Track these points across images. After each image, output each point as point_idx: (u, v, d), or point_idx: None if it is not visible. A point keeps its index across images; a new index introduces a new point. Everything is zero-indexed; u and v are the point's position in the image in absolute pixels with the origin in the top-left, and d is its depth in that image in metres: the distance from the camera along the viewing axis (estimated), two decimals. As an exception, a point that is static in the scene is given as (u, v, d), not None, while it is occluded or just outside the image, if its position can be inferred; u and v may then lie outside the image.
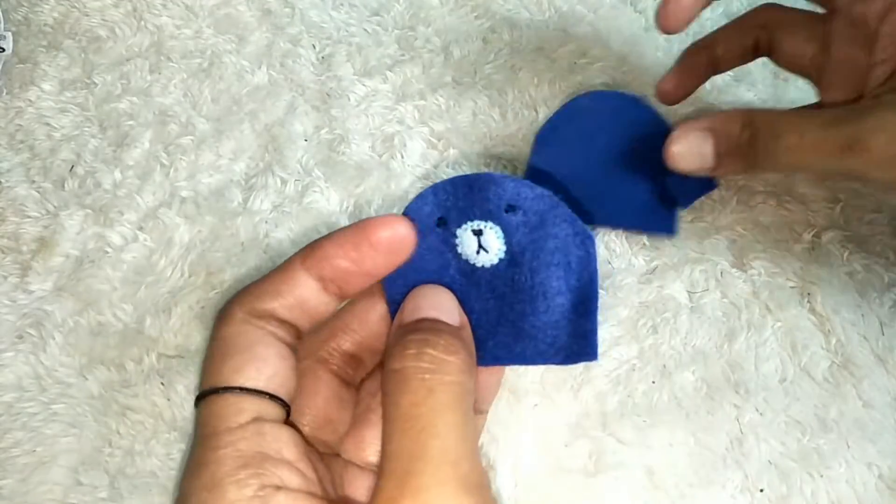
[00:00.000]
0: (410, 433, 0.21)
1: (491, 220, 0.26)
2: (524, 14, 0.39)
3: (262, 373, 0.23)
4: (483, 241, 0.26)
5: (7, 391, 0.30)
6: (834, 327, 0.32)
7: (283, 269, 0.25)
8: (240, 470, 0.21)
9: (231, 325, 0.24)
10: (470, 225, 0.26)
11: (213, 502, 0.20)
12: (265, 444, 0.21)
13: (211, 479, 0.20)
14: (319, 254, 0.24)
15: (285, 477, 0.21)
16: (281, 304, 0.24)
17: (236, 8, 0.38)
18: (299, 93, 0.36)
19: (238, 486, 0.20)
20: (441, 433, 0.21)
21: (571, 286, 0.26)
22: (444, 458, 0.21)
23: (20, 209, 0.33)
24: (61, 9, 0.38)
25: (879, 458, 0.30)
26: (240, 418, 0.22)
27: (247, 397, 0.22)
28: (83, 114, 0.36)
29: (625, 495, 0.29)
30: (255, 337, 0.23)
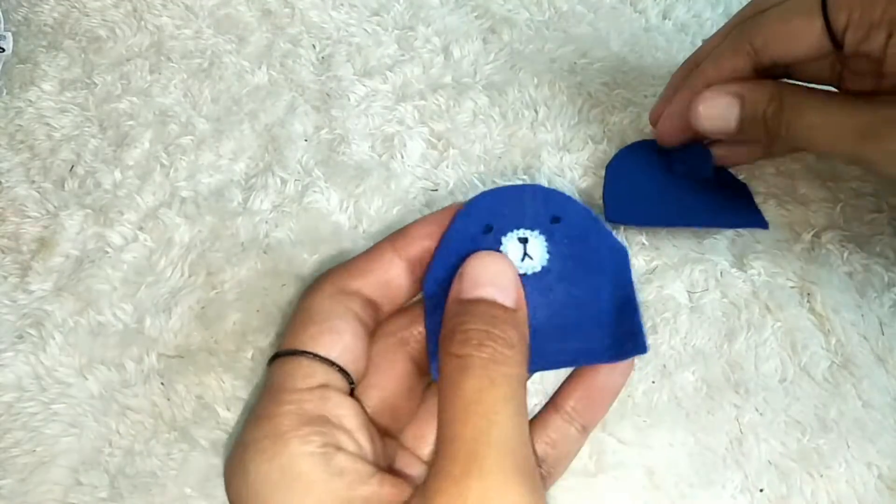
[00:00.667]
0: (474, 419, 0.22)
1: (537, 229, 0.27)
2: (524, 14, 0.39)
3: (336, 345, 0.24)
4: (528, 248, 0.27)
5: (7, 391, 0.30)
6: (834, 327, 0.32)
7: (373, 249, 0.27)
8: (303, 426, 0.22)
9: (318, 298, 0.25)
10: (516, 233, 0.27)
11: (276, 451, 0.22)
12: (328, 409, 0.23)
13: (274, 431, 0.22)
14: (408, 235, 0.27)
15: (344, 442, 0.22)
16: (368, 282, 0.26)
17: (236, 8, 0.38)
18: (299, 93, 0.36)
19: (301, 441, 0.22)
20: (501, 422, 0.22)
21: (610, 291, 0.27)
22: (506, 445, 0.21)
23: (20, 209, 0.33)
24: (61, 9, 0.38)
25: (879, 458, 0.30)
26: (309, 381, 0.23)
27: (318, 364, 0.24)
28: (83, 114, 0.36)
29: (625, 495, 0.29)
30: (337, 312, 0.25)
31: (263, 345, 0.31)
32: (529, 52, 0.38)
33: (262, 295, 0.32)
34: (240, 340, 0.31)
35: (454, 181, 0.35)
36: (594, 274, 0.27)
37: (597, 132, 0.36)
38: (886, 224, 0.34)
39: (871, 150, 0.26)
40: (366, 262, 0.26)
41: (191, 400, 0.30)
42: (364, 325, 0.25)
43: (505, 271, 0.25)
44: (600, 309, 0.27)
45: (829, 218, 0.34)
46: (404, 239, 0.26)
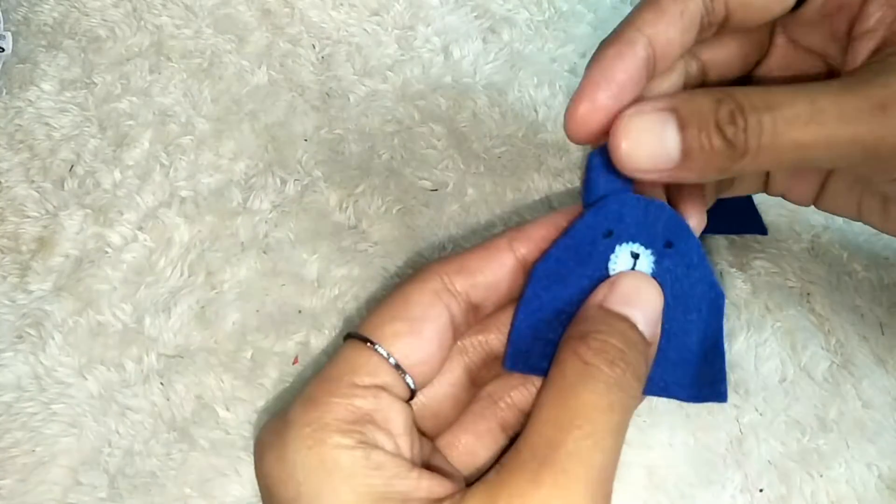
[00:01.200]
0: (578, 434, 0.21)
1: (650, 249, 0.26)
2: (524, 14, 0.39)
3: (415, 352, 0.23)
4: (637, 265, 0.26)
5: (6, 391, 0.30)
6: (834, 327, 0.32)
7: (489, 246, 0.25)
8: (346, 422, 0.22)
9: (421, 289, 0.24)
10: (630, 246, 0.26)
11: (317, 440, 0.21)
12: (377, 410, 0.22)
13: (319, 419, 0.22)
14: (528, 234, 0.25)
15: (384, 442, 0.22)
16: (480, 282, 0.24)
17: (236, 8, 0.38)
18: (299, 93, 0.36)
19: (342, 435, 0.21)
20: (607, 449, 0.21)
21: (701, 331, 0.26)
22: (601, 473, 0.21)
23: (20, 209, 0.33)
24: (61, 9, 0.38)
25: (879, 458, 0.30)
26: (369, 379, 0.22)
27: (386, 365, 0.23)
28: (83, 114, 0.36)
29: (625, 495, 0.29)
30: (434, 313, 0.24)
31: (263, 345, 0.31)
32: (529, 51, 0.38)
33: (261, 295, 0.32)
34: (239, 340, 0.31)
35: (454, 181, 0.35)
36: (689, 310, 0.26)
37: (597, 132, 0.36)
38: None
39: None
40: (480, 260, 0.25)
41: (190, 400, 0.30)
42: (456, 331, 0.24)
43: (656, 302, 0.24)
44: (687, 347, 0.26)
45: (829, 218, 0.34)
46: (523, 237, 0.25)
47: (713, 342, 0.26)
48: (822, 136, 0.20)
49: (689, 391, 0.26)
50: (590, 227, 0.25)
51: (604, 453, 0.21)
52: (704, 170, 0.21)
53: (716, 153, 0.21)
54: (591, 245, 0.25)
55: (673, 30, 0.22)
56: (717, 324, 0.26)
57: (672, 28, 0.22)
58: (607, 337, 0.22)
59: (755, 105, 0.20)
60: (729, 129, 0.20)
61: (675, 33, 0.23)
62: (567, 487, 0.20)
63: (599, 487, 0.21)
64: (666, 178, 0.22)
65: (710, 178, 0.23)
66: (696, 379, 0.26)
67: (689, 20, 0.23)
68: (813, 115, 0.20)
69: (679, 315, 0.26)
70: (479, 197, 0.34)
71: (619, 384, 0.22)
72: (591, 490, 0.21)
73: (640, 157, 0.21)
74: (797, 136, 0.20)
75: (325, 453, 0.21)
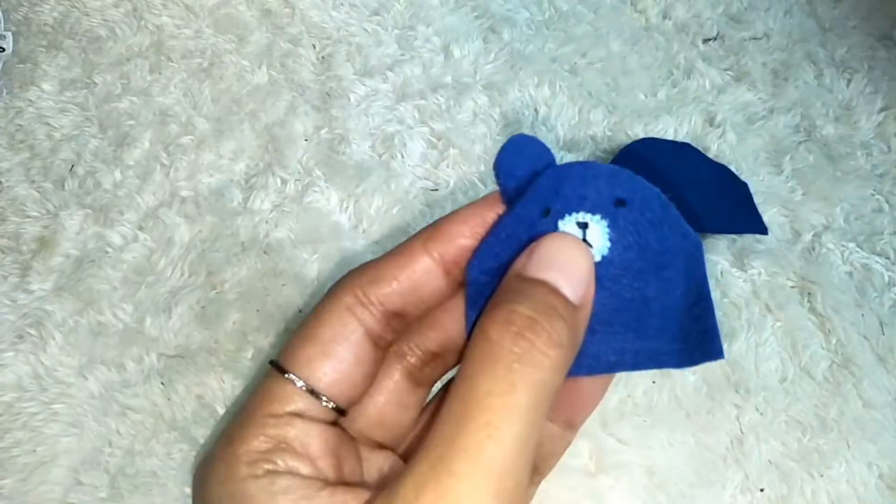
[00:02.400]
0: (471, 425, 0.19)
1: (599, 213, 0.23)
2: (524, 14, 0.39)
3: (330, 374, 0.23)
4: (587, 235, 0.23)
5: (7, 391, 0.30)
6: (834, 327, 0.32)
7: (403, 250, 0.24)
8: (257, 453, 0.21)
9: (333, 308, 0.23)
10: (575, 217, 0.23)
11: (227, 475, 0.21)
12: (293, 437, 0.22)
13: (231, 454, 0.22)
14: (443, 232, 0.23)
15: (298, 467, 0.22)
16: (395, 290, 0.23)
17: (236, 8, 0.38)
18: (299, 93, 0.36)
19: (249, 466, 0.21)
20: (503, 439, 0.19)
21: (682, 287, 0.23)
22: (495, 468, 0.19)
23: (20, 209, 0.33)
24: (61, 9, 0.38)
25: (879, 458, 0.30)
26: (282, 408, 0.22)
27: (299, 392, 0.22)
28: (83, 114, 0.36)
29: (625, 495, 0.29)
30: (346, 332, 0.23)
31: (263, 344, 0.31)
32: (529, 51, 0.38)
33: (262, 295, 0.32)
34: (240, 340, 0.31)
35: (454, 181, 0.35)
36: (663, 267, 0.23)
37: (597, 132, 0.36)
38: (886, 224, 0.34)
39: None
40: (395, 266, 0.23)
41: (191, 400, 0.30)
42: (375, 343, 0.24)
43: (581, 261, 0.22)
44: (668, 306, 0.23)
45: (829, 218, 0.34)
46: (439, 237, 0.24)
47: (697, 296, 0.23)
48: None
49: (681, 356, 0.23)
50: (522, 213, 0.24)
51: (500, 445, 0.19)
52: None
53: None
54: (530, 229, 0.23)
55: None
56: (699, 274, 0.24)
57: None
58: (516, 306, 0.21)
59: None
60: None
61: None
62: (451, 492, 0.19)
63: (495, 484, 0.19)
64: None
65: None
66: (686, 341, 0.23)
67: None
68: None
69: (653, 276, 0.23)
70: (479, 197, 0.34)
71: (524, 359, 0.20)
72: (483, 489, 0.19)
73: None
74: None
75: (234, 487, 0.21)
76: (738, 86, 0.38)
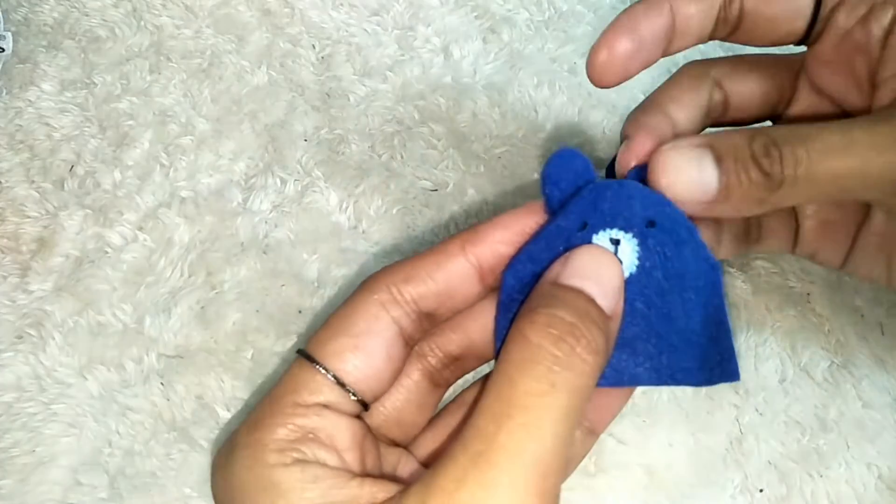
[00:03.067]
0: (512, 423, 0.19)
1: (630, 232, 0.24)
2: (524, 14, 0.39)
3: (360, 369, 0.23)
4: (618, 251, 0.24)
5: (6, 391, 0.30)
6: (834, 327, 0.32)
7: (440, 251, 0.24)
8: (285, 442, 0.22)
9: (367, 303, 0.23)
10: (609, 233, 0.24)
11: (255, 460, 0.22)
12: (320, 427, 0.22)
13: (258, 440, 0.22)
14: (483, 237, 0.24)
15: (326, 458, 0.22)
16: (430, 290, 0.23)
17: (236, 8, 0.38)
18: (299, 93, 0.36)
19: (279, 453, 0.21)
20: (544, 438, 0.19)
21: (700, 310, 0.24)
22: (536, 465, 0.19)
23: (20, 209, 0.33)
24: (61, 9, 0.38)
25: (879, 459, 0.30)
26: (311, 398, 0.22)
27: (329, 384, 0.23)
28: (83, 114, 0.36)
29: (625, 495, 0.29)
30: (379, 327, 0.23)
31: (263, 345, 0.31)
32: (529, 52, 0.38)
33: (261, 295, 0.32)
34: (239, 340, 0.31)
35: (454, 181, 0.35)
36: (685, 288, 0.24)
37: (597, 132, 0.36)
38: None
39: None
40: (431, 266, 0.24)
41: (190, 400, 0.30)
42: (406, 342, 0.24)
43: (614, 274, 0.22)
44: (689, 327, 0.24)
45: (829, 218, 0.34)
46: (478, 240, 0.24)
47: (716, 319, 0.24)
48: (856, 165, 0.20)
49: (700, 375, 0.24)
50: (562, 225, 0.24)
51: (540, 442, 0.19)
52: (742, 202, 0.22)
53: (753, 185, 0.21)
54: (566, 242, 0.24)
55: (694, 8, 0.24)
56: (718, 299, 0.24)
57: (694, 6, 0.24)
58: (555, 311, 0.21)
59: (788, 138, 0.21)
60: (765, 161, 0.21)
61: (695, 12, 0.24)
62: (493, 485, 0.19)
63: (536, 481, 0.19)
64: (704, 212, 0.22)
65: (748, 212, 0.23)
66: (705, 361, 0.24)
67: (710, 5, 0.24)
68: (846, 145, 0.20)
69: (676, 296, 0.24)
70: (479, 197, 0.34)
71: (564, 363, 0.20)
72: (523, 484, 0.19)
73: (680, 190, 0.22)
74: (832, 165, 0.20)
75: (262, 473, 0.21)
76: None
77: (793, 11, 0.24)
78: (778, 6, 0.24)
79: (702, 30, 0.25)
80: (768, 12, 0.24)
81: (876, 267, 0.26)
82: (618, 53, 0.24)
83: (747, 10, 0.24)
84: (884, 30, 0.23)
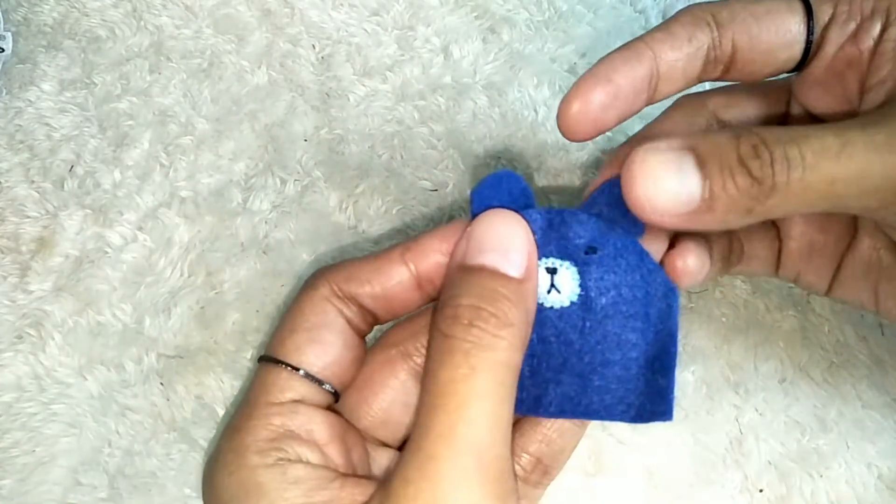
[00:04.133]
0: (441, 412, 0.20)
1: (568, 260, 0.24)
2: (524, 14, 0.39)
3: (321, 358, 0.23)
4: (556, 280, 0.24)
5: (6, 391, 0.30)
6: (833, 327, 0.32)
7: (381, 257, 0.24)
8: (265, 442, 0.22)
9: (312, 299, 0.24)
10: (545, 262, 0.24)
11: (237, 465, 0.22)
12: (297, 423, 0.23)
13: (238, 445, 0.22)
14: (422, 247, 0.24)
15: (307, 455, 0.22)
16: (368, 292, 0.24)
17: (236, 8, 0.38)
18: (299, 93, 0.36)
19: (260, 455, 0.22)
20: (473, 418, 0.20)
21: (648, 339, 0.24)
22: (471, 445, 0.20)
23: (20, 209, 0.33)
24: (61, 9, 0.38)
25: (879, 459, 0.30)
26: (282, 396, 0.23)
27: (296, 379, 0.23)
28: (83, 114, 0.36)
29: (625, 495, 0.29)
30: (329, 319, 0.24)
31: (263, 345, 0.31)
32: (529, 52, 0.38)
33: (261, 295, 0.32)
34: (239, 340, 0.31)
35: (454, 181, 0.35)
36: (632, 316, 0.23)
37: (596, 132, 0.36)
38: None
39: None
40: (369, 270, 0.24)
41: (190, 400, 0.30)
42: (357, 331, 0.24)
43: (513, 232, 0.22)
44: (631, 358, 0.23)
45: (828, 218, 0.34)
46: (418, 249, 0.24)
47: (661, 348, 0.24)
48: (853, 168, 0.18)
49: (632, 412, 0.23)
50: None
51: (471, 423, 0.20)
52: (728, 212, 0.19)
53: (741, 192, 0.19)
54: None
55: (679, 53, 0.23)
56: (672, 325, 0.24)
57: (679, 51, 0.23)
58: (461, 298, 0.21)
59: (781, 138, 0.19)
60: (754, 163, 0.19)
61: (680, 56, 0.23)
62: (437, 476, 0.20)
63: (475, 460, 0.20)
64: (684, 224, 0.20)
65: (734, 224, 0.20)
66: (642, 395, 0.23)
67: (696, 48, 0.23)
68: (842, 146, 0.18)
69: (618, 325, 0.23)
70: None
71: (479, 345, 0.21)
72: (463, 468, 0.20)
73: (657, 200, 0.19)
74: (828, 169, 0.18)
75: (244, 476, 0.22)
76: (737, 86, 0.38)
77: (787, 39, 0.23)
78: (772, 36, 0.23)
79: (689, 73, 0.23)
80: (763, 44, 0.23)
81: (863, 293, 0.26)
82: (591, 105, 0.22)
83: (740, 45, 0.23)
84: (874, 40, 0.22)
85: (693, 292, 0.33)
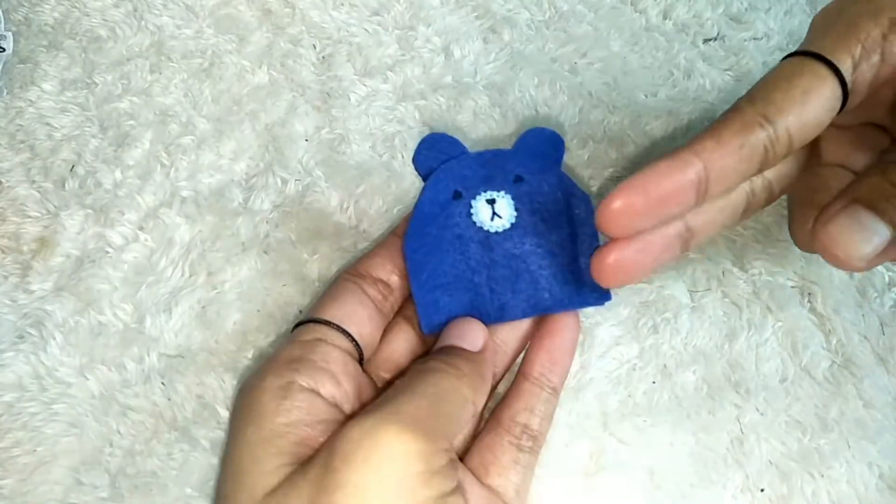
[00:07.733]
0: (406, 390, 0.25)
1: (502, 190, 0.30)
2: (524, 14, 0.39)
3: (351, 320, 0.28)
4: (496, 208, 0.30)
5: (7, 391, 0.30)
6: (834, 327, 0.32)
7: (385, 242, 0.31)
8: (282, 366, 0.26)
9: (338, 283, 0.29)
10: (484, 196, 0.30)
11: (252, 384, 0.26)
12: (314, 353, 0.26)
13: (260, 371, 0.26)
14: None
15: (322, 381, 0.25)
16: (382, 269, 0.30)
17: (237, 8, 0.38)
18: (300, 93, 0.36)
19: (274, 375, 0.26)
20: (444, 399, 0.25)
21: (577, 241, 0.29)
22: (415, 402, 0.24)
23: (20, 209, 0.33)
24: (62, 9, 0.38)
25: (880, 458, 0.30)
26: (307, 336, 0.27)
27: (323, 326, 0.27)
28: (84, 114, 0.36)
29: (625, 495, 0.29)
30: (356, 297, 0.28)
31: (264, 345, 0.31)
32: (530, 52, 0.38)
33: (262, 295, 0.32)
34: (240, 340, 0.31)
35: (455, 181, 0.35)
36: (562, 226, 0.30)
37: (597, 132, 0.36)
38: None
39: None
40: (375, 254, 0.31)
41: (191, 400, 0.30)
42: (377, 303, 0.29)
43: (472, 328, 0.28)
44: (567, 257, 0.29)
45: (829, 218, 0.34)
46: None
47: (589, 246, 0.29)
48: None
49: (578, 298, 0.29)
50: (435, 196, 0.31)
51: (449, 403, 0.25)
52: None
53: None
54: (445, 209, 0.30)
55: (731, 160, 0.22)
56: (591, 228, 0.29)
57: (730, 159, 0.22)
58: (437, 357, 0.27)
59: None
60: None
61: (732, 163, 0.23)
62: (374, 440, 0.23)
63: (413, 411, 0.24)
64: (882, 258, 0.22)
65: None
66: (581, 286, 0.29)
67: (750, 153, 0.22)
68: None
69: (552, 232, 0.30)
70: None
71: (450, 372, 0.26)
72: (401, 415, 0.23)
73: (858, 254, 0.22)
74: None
75: (253, 396, 0.25)
76: (738, 86, 0.38)
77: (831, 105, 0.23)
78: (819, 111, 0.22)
79: (744, 174, 0.23)
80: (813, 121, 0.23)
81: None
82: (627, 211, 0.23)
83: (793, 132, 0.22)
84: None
85: (695, 292, 0.33)
